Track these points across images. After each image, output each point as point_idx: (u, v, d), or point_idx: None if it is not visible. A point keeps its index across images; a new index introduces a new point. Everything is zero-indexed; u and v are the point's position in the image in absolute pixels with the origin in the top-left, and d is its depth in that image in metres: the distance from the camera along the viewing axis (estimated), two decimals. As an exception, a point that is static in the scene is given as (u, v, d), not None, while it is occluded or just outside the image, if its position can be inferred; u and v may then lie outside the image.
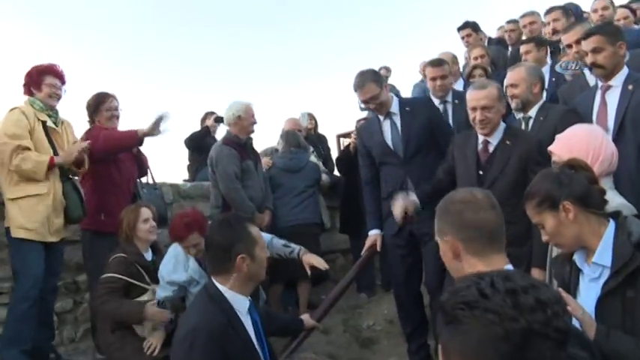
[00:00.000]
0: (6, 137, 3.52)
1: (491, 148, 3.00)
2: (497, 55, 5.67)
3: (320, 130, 6.16)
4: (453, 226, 1.60)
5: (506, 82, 3.31)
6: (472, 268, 1.51)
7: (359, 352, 4.19)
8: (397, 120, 3.63)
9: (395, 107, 3.65)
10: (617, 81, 2.99)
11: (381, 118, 3.67)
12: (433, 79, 4.29)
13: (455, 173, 3.20)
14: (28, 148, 3.53)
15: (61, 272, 3.99)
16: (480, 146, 3.03)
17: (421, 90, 6.15)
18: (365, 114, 8.07)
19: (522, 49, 4.50)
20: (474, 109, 2.96)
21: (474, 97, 2.97)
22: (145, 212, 3.54)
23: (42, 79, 3.74)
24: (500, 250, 1.58)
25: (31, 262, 3.49)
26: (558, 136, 2.45)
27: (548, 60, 4.47)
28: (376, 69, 3.72)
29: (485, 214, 1.58)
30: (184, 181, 5.62)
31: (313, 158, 5.28)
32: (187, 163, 5.92)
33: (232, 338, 2.13)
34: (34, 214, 3.52)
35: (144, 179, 4.38)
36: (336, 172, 5.64)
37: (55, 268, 3.76)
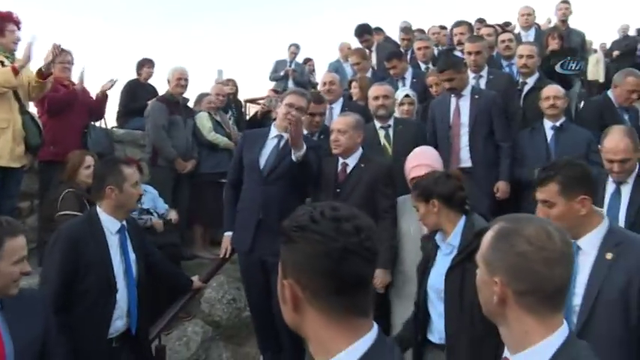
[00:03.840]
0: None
1: (348, 170, 3.56)
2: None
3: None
4: (509, 273, 1.25)
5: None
6: (521, 325, 1.26)
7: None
8: (282, 143, 3.63)
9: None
10: (466, 92, 4.35)
11: (271, 135, 3.70)
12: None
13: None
14: None
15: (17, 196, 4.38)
16: (340, 167, 3.59)
17: (333, 69, 7.07)
18: (273, 84, 8.82)
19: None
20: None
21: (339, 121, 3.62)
22: (88, 160, 4.14)
23: (4, 26, 4.19)
24: (560, 308, 1.29)
25: None
26: (414, 156, 3.43)
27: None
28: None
29: (559, 270, 1.25)
30: (114, 127, 6.13)
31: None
32: (117, 109, 6.37)
33: (88, 243, 2.70)
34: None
35: (98, 123, 5.09)
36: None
37: (12, 190, 4.23)
